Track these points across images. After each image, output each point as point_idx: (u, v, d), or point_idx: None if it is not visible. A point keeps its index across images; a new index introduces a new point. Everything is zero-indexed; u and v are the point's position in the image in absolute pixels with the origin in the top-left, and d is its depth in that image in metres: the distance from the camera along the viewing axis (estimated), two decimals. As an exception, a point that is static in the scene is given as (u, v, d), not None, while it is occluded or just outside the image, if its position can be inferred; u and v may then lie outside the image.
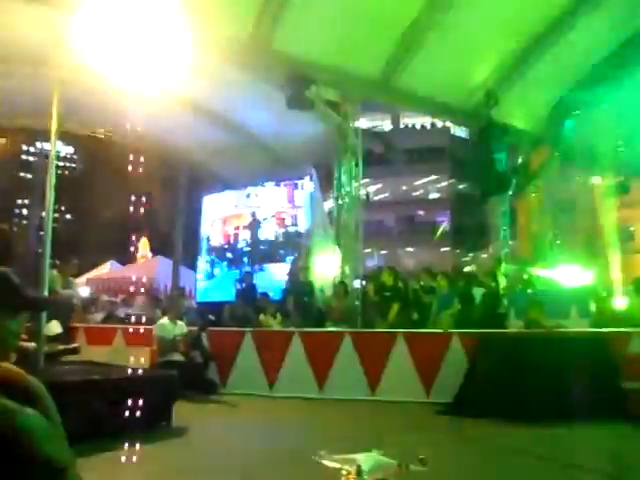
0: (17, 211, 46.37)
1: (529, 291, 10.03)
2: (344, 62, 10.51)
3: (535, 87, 11.38)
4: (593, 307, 10.27)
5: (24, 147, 39.91)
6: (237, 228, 14.59)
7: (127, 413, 4.41)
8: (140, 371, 5.17)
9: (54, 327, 5.96)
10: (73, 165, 44.58)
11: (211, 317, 7.91)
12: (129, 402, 4.47)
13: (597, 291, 11.28)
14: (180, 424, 5.06)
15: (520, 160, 13.32)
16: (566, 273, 13.00)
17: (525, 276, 11.29)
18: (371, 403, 6.68)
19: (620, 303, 10.06)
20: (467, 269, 15.74)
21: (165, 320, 7.26)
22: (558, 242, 13.62)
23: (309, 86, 10.82)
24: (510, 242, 16.33)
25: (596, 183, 15.24)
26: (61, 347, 5.63)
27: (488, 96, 11.08)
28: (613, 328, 7.71)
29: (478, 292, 9.66)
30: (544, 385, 5.62)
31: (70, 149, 39.99)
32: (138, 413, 4.46)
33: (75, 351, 5.79)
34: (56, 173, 7.93)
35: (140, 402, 4.50)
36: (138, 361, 5.59)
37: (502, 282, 11.04)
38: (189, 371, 6.40)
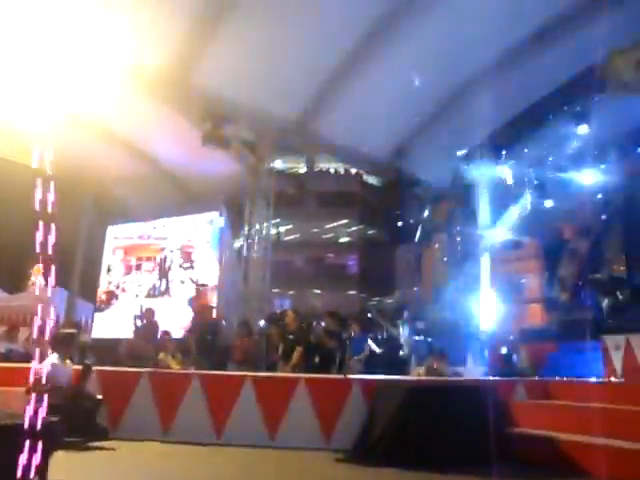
0: None
1: (429, 339, 10.39)
2: (263, 104, 10.68)
3: (442, 144, 12.13)
4: (487, 354, 10.86)
5: None
6: (140, 259, 14.06)
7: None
8: (13, 418, 4.69)
9: None
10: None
11: (87, 362, 7.43)
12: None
13: (490, 339, 11.94)
14: (57, 477, 4.60)
15: (426, 212, 14.07)
16: (463, 320, 13.66)
17: (424, 324, 11.70)
18: (270, 450, 6.50)
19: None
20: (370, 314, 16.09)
21: (55, 358, 6.71)
22: (457, 291, 14.33)
23: (226, 124, 10.87)
24: (415, 289, 16.99)
25: (492, 237, 16.33)
26: None
27: (398, 150, 11.69)
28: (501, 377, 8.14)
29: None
30: (438, 433, 5.75)
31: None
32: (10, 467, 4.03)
33: None
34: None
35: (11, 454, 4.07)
36: (12, 405, 5.09)
37: (403, 329, 11.38)
38: (74, 416, 5.91)
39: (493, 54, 10.14)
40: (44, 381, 6.41)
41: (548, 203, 14.28)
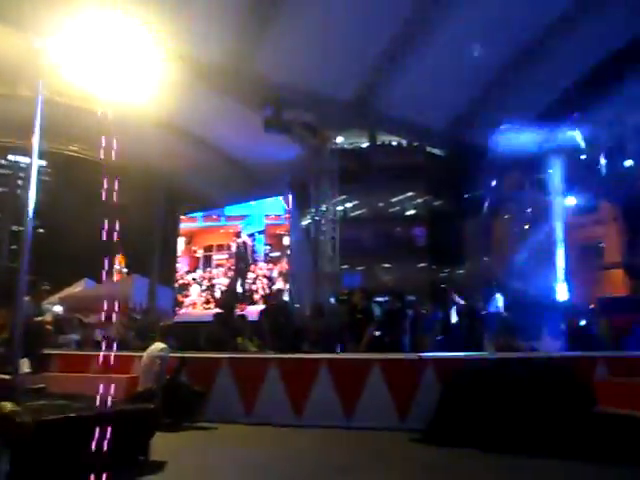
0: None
1: (502, 312, 10.19)
2: (321, 86, 10.71)
3: (510, 113, 11.67)
4: (564, 327, 10.50)
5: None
6: (209, 249, 13.42)
7: (103, 448, 4.39)
8: (117, 404, 5.14)
9: (24, 366, 5.93)
10: (46, 178, 43.87)
11: (183, 356, 7.83)
12: (105, 437, 4.45)
13: (568, 310, 11.54)
14: (158, 457, 5.03)
15: (494, 182, 13.68)
16: (538, 291, 13.27)
17: (498, 296, 11.45)
18: (347, 431, 6.73)
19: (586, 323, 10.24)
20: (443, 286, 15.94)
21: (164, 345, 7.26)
22: (529, 261, 13.93)
23: (286, 109, 10.99)
24: (485, 259, 16.68)
25: (568, 203, 15.67)
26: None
27: (462, 121, 11.38)
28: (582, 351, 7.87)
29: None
30: (516, 413, 5.72)
31: (42, 163, 39.25)
32: (115, 448, 4.44)
33: (39, 391, 5.76)
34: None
35: (117, 437, 4.48)
36: (115, 391, 5.54)
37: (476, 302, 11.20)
38: (173, 406, 6.41)
39: (558, 11, 9.64)
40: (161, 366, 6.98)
41: (627, 163, 13.53)
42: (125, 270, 18.64)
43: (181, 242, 13.33)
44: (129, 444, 4.85)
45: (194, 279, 13.06)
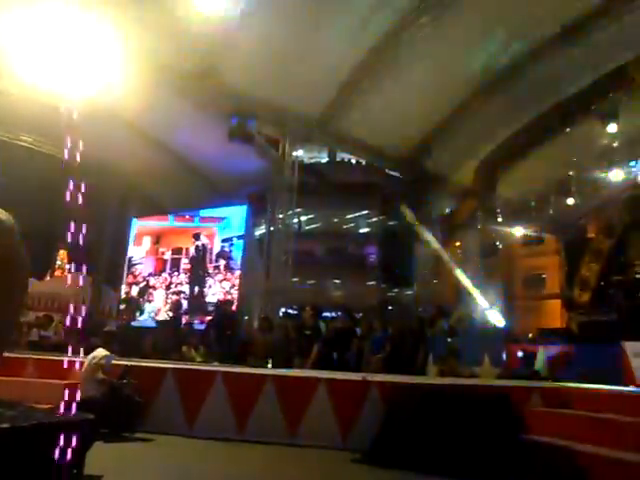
0: None
1: (448, 339, 10.45)
2: (286, 101, 10.80)
3: (467, 142, 12.11)
4: (504, 355, 10.90)
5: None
6: (178, 251, 12.91)
7: (35, 462, 4.22)
8: (52, 415, 4.94)
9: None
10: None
11: (127, 364, 7.62)
12: (37, 450, 4.27)
13: (507, 338, 11.98)
14: (93, 471, 4.86)
15: (448, 209, 14.09)
16: (483, 318, 13.72)
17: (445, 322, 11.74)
18: (290, 448, 6.73)
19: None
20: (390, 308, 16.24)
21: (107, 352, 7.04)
22: (477, 288, 14.37)
23: (251, 120, 11.01)
24: (435, 281, 17.04)
25: (515, 233, 16.30)
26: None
27: (422, 148, 11.73)
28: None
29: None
30: (451, 438, 5.89)
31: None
32: (47, 461, 4.27)
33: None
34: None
35: (50, 450, 4.32)
36: (51, 399, 5.34)
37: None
38: (111, 415, 6.22)
39: (512, 55, 10.14)
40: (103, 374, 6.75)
41: (570, 201, 14.20)
42: (68, 267, 17.96)
43: (147, 242, 12.43)
44: (65, 456, 4.67)
45: (161, 282, 12.33)
